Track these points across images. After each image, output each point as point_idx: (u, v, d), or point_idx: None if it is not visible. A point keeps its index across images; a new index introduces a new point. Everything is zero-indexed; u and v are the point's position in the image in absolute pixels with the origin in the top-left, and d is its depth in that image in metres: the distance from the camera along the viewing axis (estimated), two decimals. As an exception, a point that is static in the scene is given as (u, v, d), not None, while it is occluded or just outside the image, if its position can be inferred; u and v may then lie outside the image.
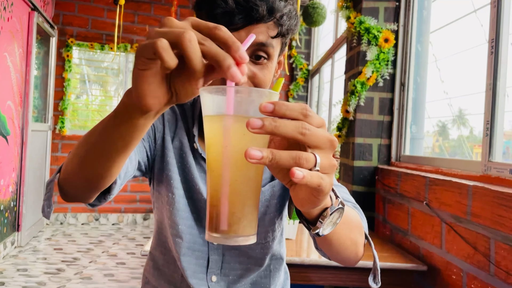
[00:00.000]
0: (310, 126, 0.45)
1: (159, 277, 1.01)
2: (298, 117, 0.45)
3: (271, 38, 0.79)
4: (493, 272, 1.37)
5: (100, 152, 0.60)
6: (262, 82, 0.82)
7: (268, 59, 0.81)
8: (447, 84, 2.53)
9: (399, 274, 1.73)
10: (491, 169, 1.55)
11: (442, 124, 2.69)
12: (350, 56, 2.74)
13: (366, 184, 2.55)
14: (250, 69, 0.80)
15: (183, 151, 0.95)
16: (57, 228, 4.96)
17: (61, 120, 5.00)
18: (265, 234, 0.94)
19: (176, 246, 0.94)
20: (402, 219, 2.12)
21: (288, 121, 0.44)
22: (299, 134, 0.44)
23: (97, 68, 5.69)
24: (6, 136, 3.63)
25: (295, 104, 0.45)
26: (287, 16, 0.80)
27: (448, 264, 1.65)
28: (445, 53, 2.51)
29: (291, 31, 0.83)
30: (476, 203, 1.47)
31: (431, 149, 2.86)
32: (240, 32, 0.77)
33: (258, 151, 0.43)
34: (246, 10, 0.76)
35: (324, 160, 0.45)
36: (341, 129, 2.72)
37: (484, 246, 1.42)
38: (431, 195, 1.81)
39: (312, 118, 0.45)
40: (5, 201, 3.68)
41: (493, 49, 1.59)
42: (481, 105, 1.66)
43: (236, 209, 0.48)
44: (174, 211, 0.93)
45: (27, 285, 3.14)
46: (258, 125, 0.43)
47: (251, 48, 0.78)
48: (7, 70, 3.60)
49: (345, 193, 0.87)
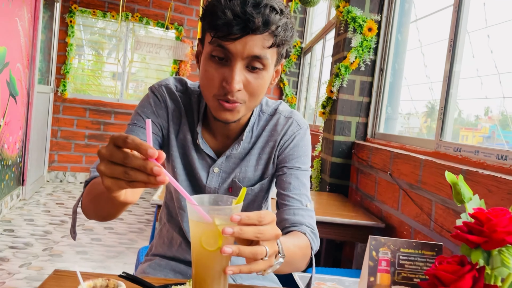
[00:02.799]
0: (263, 229, 0.67)
1: (172, 223, 1.23)
2: (255, 223, 0.67)
3: (266, 48, 0.88)
4: (432, 227, 1.73)
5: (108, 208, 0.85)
6: (256, 90, 0.92)
7: (263, 68, 0.91)
8: (430, 69, 2.82)
9: (361, 229, 2.10)
10: (441, 147, 1.89)
11: (432, 105, 2.84)
12: (337, 42, 3.03)
13: (344, 157, 2.89)
14: (246, 77, 0.90)
15: (186, 145, 1.08)
16: (57, 185, 5.27)
17: (63, 83, 5.24)
18: None
19: (179, 216, 1.15)
20: (370, 186, 2.47)
21: (249, 227, 0.66)
22: (255, 237, 0.67)
23: (100, 36, 5.88)
24: (15, 96, 3.89)
25: (253, 214, 0.67)
26: (282, 28, 0.89)
27: (401, 222, 2.02)
28: (429, 40, 2.77)
29: (286, 43, 0.92)
30: (425, 173, 1.82)
31: (418, 129, 3.01)
32: (236, 43, 0.86)
33: (229, 248, 0.64)
34: (243, 22, 0.84)
35: (271, 249, 0.69)
36: (325, 107, 3.03)
37: (427, 207, 1.78)
38: (394, 166, 2.16)
39: (265, 219, 0.68)
40: (13, 156, 3.97)
41: (451, 48, 1.90)
42: (471, 89, 1.94)
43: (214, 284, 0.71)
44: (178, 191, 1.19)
45: (34, 233, 3.47)
46: (229, 232, 0.64)
47: (246, 60, 0.88)
48: (18, 34, 3.82)
49: (310, 217, 1.05)
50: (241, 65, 0.89)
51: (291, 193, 1.05)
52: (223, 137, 1.08)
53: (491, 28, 2.04)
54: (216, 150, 1.09)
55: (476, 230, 0.69)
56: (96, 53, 5.98)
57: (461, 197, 0.76)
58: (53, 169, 5.41)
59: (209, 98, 0.94)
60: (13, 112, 3.86)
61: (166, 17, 5.50)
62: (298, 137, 1.09)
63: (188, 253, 1.16)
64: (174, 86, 1.09)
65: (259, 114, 1.09)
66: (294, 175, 1.07)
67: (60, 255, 3.07)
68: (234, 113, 0.94)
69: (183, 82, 1.12)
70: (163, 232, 1.25)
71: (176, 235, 1.19)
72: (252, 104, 0.96)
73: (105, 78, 5.93)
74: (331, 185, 2.88)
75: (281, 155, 1.09)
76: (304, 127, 1.11)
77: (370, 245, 0.81)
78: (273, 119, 1.10)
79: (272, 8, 0.87)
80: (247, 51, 0.87)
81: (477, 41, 2.10)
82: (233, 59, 0.88)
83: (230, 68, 0.88)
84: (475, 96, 2.21)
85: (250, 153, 1.09)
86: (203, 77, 0.93)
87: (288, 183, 1.06)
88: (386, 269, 0.81)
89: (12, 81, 3.76)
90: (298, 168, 1.08)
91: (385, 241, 0.82)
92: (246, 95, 0.92)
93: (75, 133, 5.43)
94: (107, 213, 0.88)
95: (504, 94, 1.97)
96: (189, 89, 1.10)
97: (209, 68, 0.91)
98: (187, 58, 5.57)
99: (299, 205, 1.04)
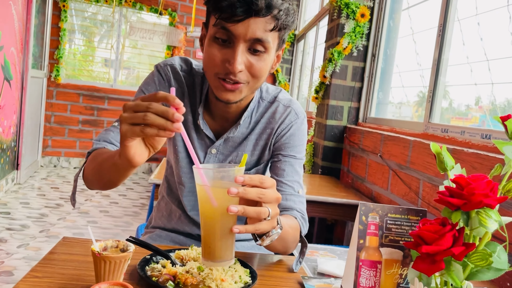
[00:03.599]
0: (265, 191, 0.74)
1: (171, 196, 1.28)
2: (257, 185, 0.74)
3: (268, 31, 0.91)
4: (420, 205, 1.81)
5: (108, 175, 0.90)
6: (258, 72, 0.95)
7: (265, 51, 0.93)
8: (421, 56, 2.88)
9: (352, 208, 2.18)
10: (429, 128, 1.97)
11: (423, 94, 2.96)
12: (330, 27, 3.08)
13: (336, 140, 2.96)
14: (248, 60, 0.93)
15: (187, 125, 1.11)
16: (51, 170, 5.30)
17: (56, 68, 5.23)
18: None
19: (179, 190, 1.19)
20: (361, 169, 2.55)
21: (252, 188, 0.72)
22: (258, 198, 0.73)
23: (93, 21, 5.85)
24: (10, 80, 3.89)
25: (255, 176, 0.74)
26: (284, 13, 0.91)
27: (391, 201, 2.10)
28: (421, 28, 2.83)
29: (288, 27, 0.95)
30: (414, 154, 1.89)
31: (410, 118, 3.03)
32: (239, 25, 0.89)
33: (235, 207, 0.71)
34: (247, 4, 0.87)
35: (273, 211, 0.78)
36: (318, 92, 3.09)
37: (415, 186, 1.85)
38: (384, 148, 2.23)
39: (266, 182, 0.75)
40: (7, 140, 3.99)
41: (440, 33, 1.96)
42: (461, 76, 2.00)
43: (222, 245, 0.77)
44: (178, 167, 1.16)
45: (30, 215, 3.51)
46: (235, 192, 0.70)
47: (249, 42, 0.91)
48: (11, 18, 3.81)
49: (301, 203, 1.11)
50: (243, 47, 0.91)
51: (284, 179, 1.10)
52: (223, 120, 1.11)
53: (481, 15, 2.10)
54: (215, 131, 1.12)
55: (456, 194, 0.76)
56: (89, 39, 5.96)
57: (444, 165, 0.83)
58: (47, 154, 5.43)
59: (212, 77, 0.97)
60: (7, 97, 3.87)
61: (160, 2, 5.49)
62: (295, 126, 1.13)
63: (187, 225, 1.22)
64: (179, 66, 1.12)
65: (258, 101, 1.13)
66: (288, 162, 1.11)
67: (56, 236, 3.12)
68: (236, 93, 0.97)
69: (188, 63, 1.14)
70: (161, 205, 1.29)
71: (175, 208, 1.24)
72: (255, 85, 0.98)
73: (97, 64, 5.92)
74: (323, 168, 2.96)
75: (277, 142, 1.13)
76: (302, 117, 1.14)
77: (360, 210, 0.87)
78: (272, 107, 1.13)
79: None
80: (250, 34, 0.90)
81: (468, 28, 2.16)
82: (236, 41, 0.91)
83: (233, 50, 0.91)
84: (465, 83, 2.28)
85: (247, 138, 1.12)
86: (206, 58, 0.96)
87: (282, 169, 1.11)
88: (375, 232, 0.88)
89: (6, 65, 3.76)
90: (293, 156, 1.12)
91: (374, 207, 0.88)
92: (249, 76, 0.95)
93: (69, 118, 5.44)
94: (109, 179, 0.92)
95: (492, 81, 2.04)
96: (193, 70, 1.12)
97: (212, 49, 0.94)
98: (181, 44, 5.58)
99: (291, 191, 1.10)
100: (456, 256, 0.72)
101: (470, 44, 2.17)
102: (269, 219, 0.77)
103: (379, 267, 0.87)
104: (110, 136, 1.06)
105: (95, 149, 1.04)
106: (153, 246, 0.92)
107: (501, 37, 2.03)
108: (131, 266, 0.87)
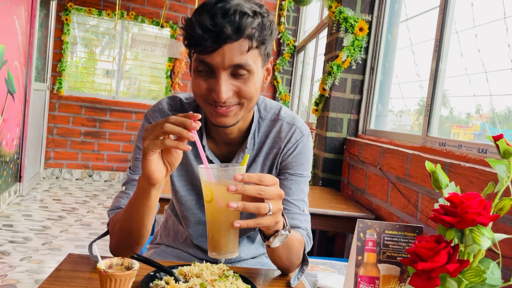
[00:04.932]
0: (265, 188, 0.78)
1: (178, 220, 1.25)
2: (256, 182, 0.78)
3: (245, 53, 0.89)
4: (418, 217, 1.83)
5: (134, 218, 0.94)
6: (247, 94, 0.94)
7: (249, 73, 0.92)
8: (420, 67, 2.92)
9: (352, 221, 2.20)
10: (427, 142, 2.00)
11: (423, 103, 2.93)
12: (329, 41, 3.13)
13: (336, 152, 2.99)
14: (234, 85, 0.92)
15: (188, 162, 1.12)
16: (53, 181, 5.33)
17: (59, 81, 5.28)
18: None
19: (184, 222, 1.20)
20: (361, 180, 2.58)
21: (251, 186, 0.77)
22: (257, 194, 0.78)
23: (95, 34, 5.92)
24: (13, 94, 3.94)
25: (254, 174, 0.78)
26: (257, 30, 0.89)
27: (390, 213, 2.12)
28: (419, 39, 2.86)
29: (266, 41, 0.92)
30: (412, 166, 1.92)
31: (410, 126, 3.09)
32: (214, 55, 0.88)
33: (235, 203, 0.76)
34: (215, 33, 0.85)
35: (275, 206, 0.81)
36: (318, 104, 3.13)
37: (414, 198, 1.88)
38: (383, 160, 2.26)
39: (265, 180, 0.79)
40: (10, 153, 4.02)
41: (437, 48, 2.00)
42: (460, 87, 2.02)
43: (225, 238, 0.84)
44: (180, 204, 1.17)
45: (33, 228, 3.53)
46: (234, 190, 0.75)
47: (229, 69, 0.90)
48: (15, 32, 3.87)
49: (307, 221, 1.12)
50: (225, 75, 0.90)
51: (290, 198, 1.11)
52: (226, 144, 1.11)
53: (478, 27, 2.14)
54: (221, 157, 1.12)
55: (450, 212, 0.79)
56: (91, 51, 6.03)
57: (439, 184, 0.86)
58: (49, 165, 5.46)
59: (203, 105, 0.98)
60: (11, 110, 3.91)
61: (161, 15, 5.56)
62: (301, 144, 1.12)
63: (192, 249, 1.23)
64: (167, 107, 1.11)
65: (258, 121, 1.12)
66: (295, 181, 1.12)
67: (59, 249, 3.14)
68: (231, 117, 0.96)
69: (177, 99, 1.13)
70: (168, 223, 1.31)
71: (182, 229, 1.25)
72: (249, 105, 0.98)
73: (99, 76, 5.98)
74: (323, 180, 2.98)
75: (284, 161, 1.12)
76: (306, 134, 1.14)
77: (358, 228, 0.90)
78: (276, 125, 1.12)
79: (242, 13, 0.87)
80: (228, 61, 0.89)
81: (465, 40, 2.20)
82: (216, 71, 0.90)
83: (216, 80, 0.91)
84: (464, 94, 2.31)
85: (256, 160, 1.12)
86: (194, 89, 0.97)
87: (289, 188, 1.11)
88: (372, 248, 0.90)
89: (10, 79, 3.81)
90: (300, 174, 1.13)
91: (372, 224, 0.91)
92: (240, 99, 0.95)
93: (71, 130, 5.48)
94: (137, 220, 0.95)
95: (491, 92, 2.07)
96: (184, 105, 1.12)
97: (198, 81, 0.94)
98: (182, 56, 5.63)
99: (297, 210, 1.11)
100: (451, 272, 0.74)
101: (468, 55, 2.21)
102: (271, 214, 0.81)
103: (377, 282, 0.89)
104: (121, 203, 1.07)
105: (111, 218, 1.06)
106: (157, 263, 0.94)
107: (499, 48, 2.07)
108: (135, 282, 0.89)
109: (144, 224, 0.95)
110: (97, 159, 5.59)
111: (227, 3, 0.87)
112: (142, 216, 0.93)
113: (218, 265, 0.95)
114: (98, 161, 5.59)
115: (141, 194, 0.89)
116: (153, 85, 6.12)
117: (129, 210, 0.95)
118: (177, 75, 5.69)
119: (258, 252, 1.28)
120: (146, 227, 0.96)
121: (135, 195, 0.92)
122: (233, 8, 0.87)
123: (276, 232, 0.89)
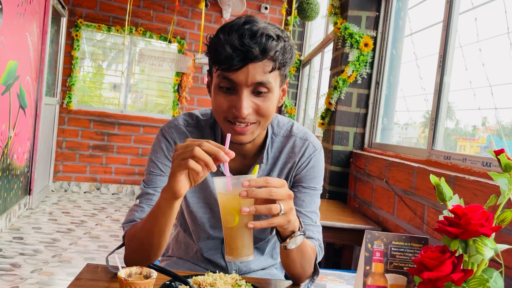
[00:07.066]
0: (275, 189, 0.83)
1: (188, 233, 1.28)
2: (264, 185, 0.83)
3: (268, 73, 0.95)
4: (425, 230, 1.86)
5: (155, 229, 0.96)
6: (265, 111, 1.00)
7: (269, 91, 0.98)
8: (425, 81, 2.96)
9: (360, 233, 2.22)
10: (432, 155, 2.03)
11: (429, 116, 2.90)
12: (335, 56, 3.18)
13: (342, 165, 3.02)
14: (254, 102, 0.98)
15: (204, 180, 1.14)
16: (62, 194, 5.38)
17: (69, 95, 5.38)
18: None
19: (194, 235, 1.23)
20: (367, 193, 2.61)
21: (262, 189, 0.82)
22: (268, 196, 0.83)
23: (104, 49, 6.04)
24: (25, 108, 4.02)
25: (260, 178, 0.84)
26: (280, 53, 0.95)
27: (397, 226, 2.15)
28: (424, 53, 2.91)
29: (287, 64, 1.00)
30: (418, 180, 1.95)
31: (416, 139, 3.10)
32: (239, 73, 0.94)
33: (247, 208, 0.82)
34: (243, 53, 0.91)
35: (286, 206, 0.87)
36: (324, 118, 3.17)
37: (420, 211, 1.91)
38: (389, 174, 2.29)
39: (272, 182, 0.84)
40: (21, 166, 4.09)
41: (441, 63, 2.05)
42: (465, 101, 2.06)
43: (241, 243, 0.89)
44: (191, 213, 1.21)
45: (43, 240, 3.58)
46: (245, 195, 0.82)
47: (251, 86, 0.96)
48: (27, 49, 3.96)
49: (319, 232, 1.16)
50: (247, 92, 0.96)
51: (304, 210, 1.15)
52: (240, 158, 1.15)
53: (482, 42, 2.19)
54: (236, 171, 1.16)
55: (454, 223, 0.82)
56: (100, 65, 6.13)
57: (443, 196, 0.90)
58: (58, 178, 5.53)
59: (222, 122, 1.03)
60: (22, 124, 3.99)
61: (169, 31, 5.66)
62: (314, 159, 1.17)
63: (203, 263, 1.27)
64: (183, 123, 1.15)
65: (272, 137, 1.17)
66: (308, 193, 1.16)
67: (69, 261, 3.17)
68: (248, 135, 1.01)
69: (193, 116, 1.17)
70: (180, 237, 1.34)
71: (193, 243, 1.28)
72: (265, 124, 1.03)
73: (107, 90, 6.07)
74: (330, 193, 3.01)
75: (298, 174, 1.17)
76: (319, 149, 1.19)
77: (366, 238, 0.93)
78: (290, 141, 1.16)
79: (268, 36, 0.93)
80: (251, 79, 0.94)
81: (470, 54, 2.24)
82: (239, 88, 0.96)
83: (238, 96, 0.97)
84: (469, 107, 2.34)
85: (270, 175, 1.17)
86: (214, 105, 1.02)
87: (302, 200, 1.16)
88: (380, 259, 0.94)
89: (22, 94, 3.89)
90: (313, 187, 1.17)
91: (379, 235, 0.95)
92: (258, 117, 1.00)
93: (80, 144, 5.55)
94: (158, 231, 0.97)
95: (496, 106, 2.10)
96: (200, 122, 1.16)
97: (219, 97, 0.99)
98: (189, 70, 5.72)
99: (309, 221, 1.15)
100: (456, 281, 0.78)
101: (472, 69, 2.25)
102: (282, 213, 0.86)
103: (385, 292, 0.93)
104: (135, 216, 1.10)
105: (127, 231, 1.09)
106: (172, 272, 0.98)
107: (503, 63, 2.11)
108: (153, 291, 0.93)
109: (164, 234, 0.98)
110: (105, 172, 5.65)
111: (254, 25, 0.94)
112: (164, 227, 0.96)
113: (231, 275, 0.99)
114: (106, 174, 5.65)
115: (164, 205, 0.92)
116: (160, 99, 6.20)
117: (150, 220, 0.98)
118: (184, 89, 5.77)
119: (268, 264, 1.31)
120: (166, 238, 0.99)
121: (157, 207, 0.95)
122: (261, 30, 0.93)
123: (292, 234, 0.94)
